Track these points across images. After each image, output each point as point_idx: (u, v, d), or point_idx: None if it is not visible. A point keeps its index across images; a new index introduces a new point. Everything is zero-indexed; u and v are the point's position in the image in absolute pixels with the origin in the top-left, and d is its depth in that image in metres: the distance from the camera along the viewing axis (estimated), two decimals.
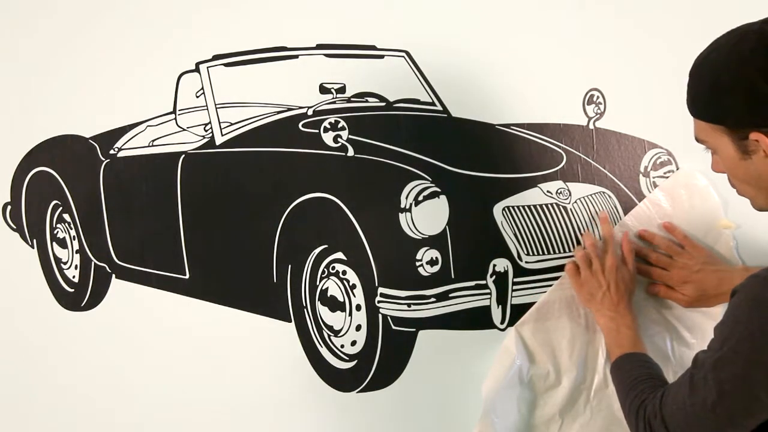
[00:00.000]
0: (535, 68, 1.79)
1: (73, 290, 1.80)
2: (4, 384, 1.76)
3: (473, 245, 1.73)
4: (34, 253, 1.79)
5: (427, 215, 1.69)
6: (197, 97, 1.74)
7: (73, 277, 1.80)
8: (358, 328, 1.73)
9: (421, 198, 1.68)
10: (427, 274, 1.70)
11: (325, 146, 1.71)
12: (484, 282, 1.73)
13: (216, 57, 1.73)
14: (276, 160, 1.74)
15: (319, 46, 1.75)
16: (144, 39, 1.73)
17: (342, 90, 1.76)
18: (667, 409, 1.35)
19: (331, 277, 1.73)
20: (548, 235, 1.77)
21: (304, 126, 1.74)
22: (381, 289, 1.70)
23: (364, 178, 1.72)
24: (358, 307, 1.72)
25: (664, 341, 1.78)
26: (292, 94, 1.75)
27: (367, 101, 1.77)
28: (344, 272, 1.72)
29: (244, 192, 1.74)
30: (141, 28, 1.73)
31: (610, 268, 1.68)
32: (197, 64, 1.73)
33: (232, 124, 1.75)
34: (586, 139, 1.81)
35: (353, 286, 1.72)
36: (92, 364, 1.76)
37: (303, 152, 1.73)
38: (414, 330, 1.73)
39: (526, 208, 1.76)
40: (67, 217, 1.79)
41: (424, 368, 1.75)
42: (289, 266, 1.74)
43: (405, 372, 1.75)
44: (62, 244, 1.81)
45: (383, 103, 1.78)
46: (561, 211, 1.78)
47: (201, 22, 1.73)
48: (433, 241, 1.69)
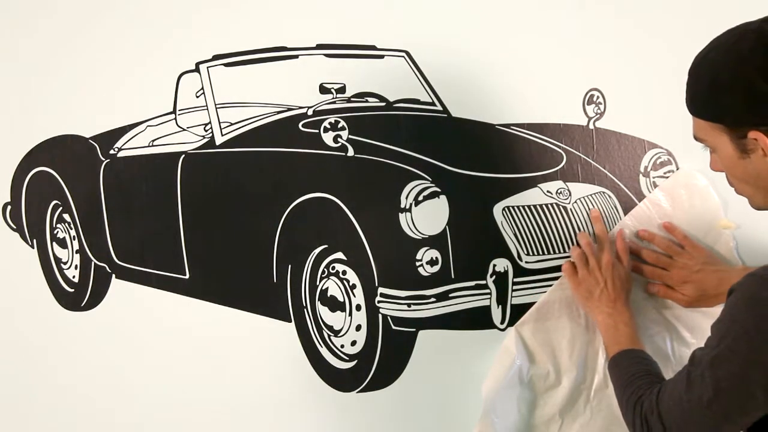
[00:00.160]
0: (535, 68, 1.79)
1: (73, 290, 1.80)
2: (4, 384, 1.76)
3: (473, 245, 1.73)
4: (34, 253, 1.79)
5: (427, 215, 1.69)
6: (197, 97, 1.74)
7: (73, 277, 1.80)
8: (358, 328, 1.73)
9: (421, 198, 1.68)
10: (427, 274, 1.70)
11: (325, 146, 1.71)
12: (484, 282, 1.73)
13: (216, 57, 1.73)
14: (276, 160, 1.74)
15: (319, 46, 1.75)
16: (144, 39, 1.73)
17: (342, 90, 1.76)
18: (663, 405, 1.35)
19: (331, 277, 1.73)
20: (548, 235, 1.76)
21: (304, 126, 1.74)
22: (381, 289, 1.70)
23: (364, 178, 1.72)
24: (358, 307, 1.72)
25: (664, 341, 1.78)
26: (292, 94, 1.75)
27: (367, 101, 1.77)
28: (344, 272, 1.72)
29: (244, 192, 1.74)
30: (141, 28, 1.73)
31: (607, 265, 1.68)
32: (197, 64, 1.73)
33: (232, 124, 1.75)
34: (586, 139, 1.81)
35: (353, 286, 1.72)
36: (92, 364, 1.76)
37: (303, 152, 1.73)
38: (414, 330, 1.73)
39: (526, 208, 1.76)
40: (67, 217, 1.79)
41: (424, 368, 1.75)
42: (289, 266, 1.74)
43: (405, 372, 1.75)
44: (62, 244, 1.81)
45: (383, 103, 1.78)
46: (561, 211, 1.78)
47: (201, 22, 1.73)
48: (433, 241, 1.69)
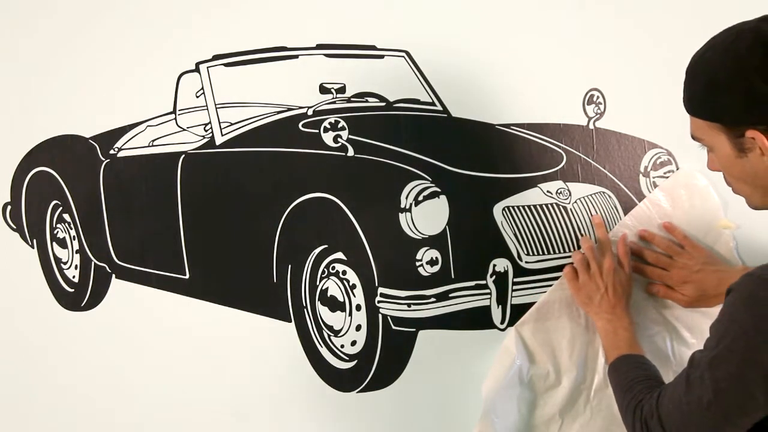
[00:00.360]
0: (535, 68, 1.79)
1: (73, 290, 1.80)
2: (4, 384, 1.76)
3: (473, 245, 1.73)
4: (34, 253, 1.79)
5: (427, 215, 1.69)
6: (197, 97, 1.74)
7: (73, 277, 1.80)
8: (358, 328, 1.72)
9: (421, 198, 1.68)
10: (427, 274, 1.70)
11: (325, 146, 1.71)
12: (484, 282, 1.72)
13: (216, 57, 1.73)
14: (276, 160, 1.74)
15: (319, 46, 1.75)
16: (144, 39, 1.73)
17: (342, 90, 1.76)
18: (663, 408, 1.35)
19: (331, 277, 1.73)
20: (548, 235, 1.76)
21: (304, 126, 1.74)
22: (381, 289, 1.70)
23: (364, 178, 1.72)
24: (358, 307, 1.72)
25: (664, 341, 1.78)
26: (292, 94, 1.75)
27: (367, 101, 1.77)
28: (344, 272, 1.72)
29: (244, 192, 1.74)
30: (141, 28, 1.73)
31: (608, 270, 1.68)
32: (197, 64, 1.73)
33: (232, 124, 1.75)
34: (586, 139, 1.81)
35: (353, 286, 1.72)
36: (92, 364, 1.76)
37: (303, 152, 1.73)
38: (414, 330, 1.73)
39: (526, 208, 1.76)
40: (67, 217, 1.79)
41: (424, 368, 1.75)
42: (289, 266, 1.74)
43: (405, 372, 1.75)
44: (62, 244, 1.81)
45: (383, 103, 1.78)
46: (561, 211, 1.78)
47: (201, 22, 1.73)
48: (433, 241, 1.69)
